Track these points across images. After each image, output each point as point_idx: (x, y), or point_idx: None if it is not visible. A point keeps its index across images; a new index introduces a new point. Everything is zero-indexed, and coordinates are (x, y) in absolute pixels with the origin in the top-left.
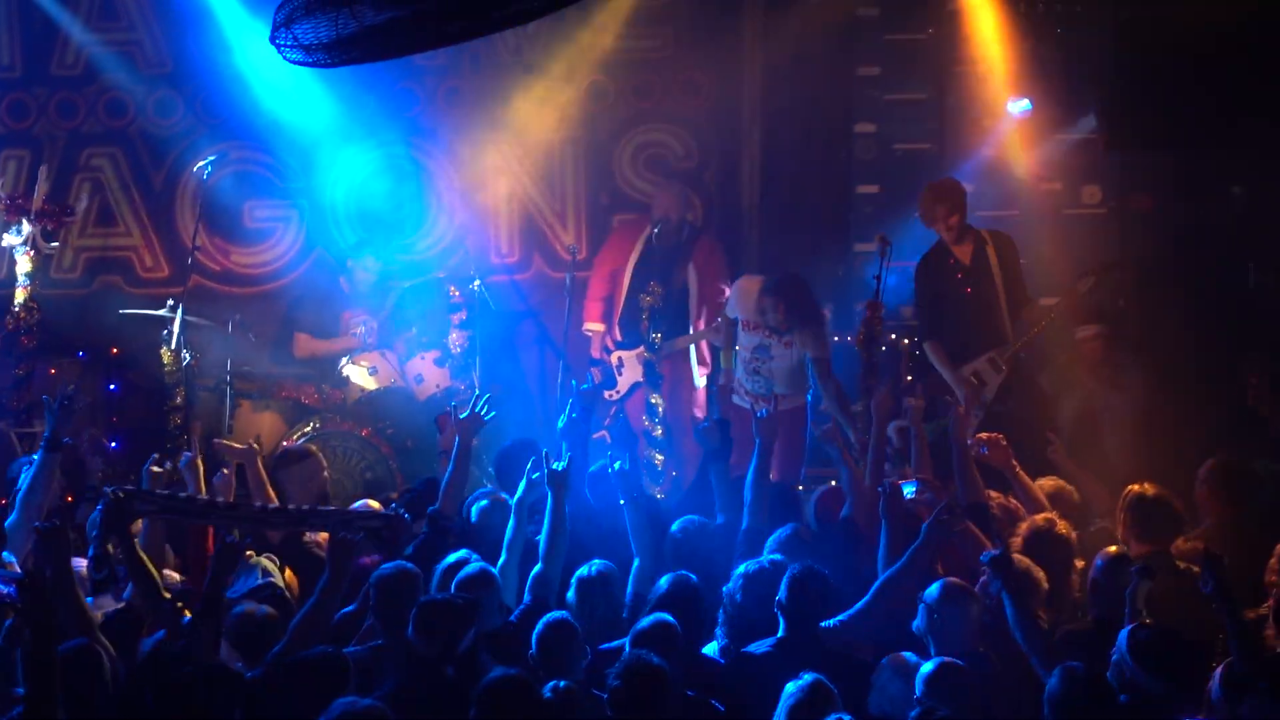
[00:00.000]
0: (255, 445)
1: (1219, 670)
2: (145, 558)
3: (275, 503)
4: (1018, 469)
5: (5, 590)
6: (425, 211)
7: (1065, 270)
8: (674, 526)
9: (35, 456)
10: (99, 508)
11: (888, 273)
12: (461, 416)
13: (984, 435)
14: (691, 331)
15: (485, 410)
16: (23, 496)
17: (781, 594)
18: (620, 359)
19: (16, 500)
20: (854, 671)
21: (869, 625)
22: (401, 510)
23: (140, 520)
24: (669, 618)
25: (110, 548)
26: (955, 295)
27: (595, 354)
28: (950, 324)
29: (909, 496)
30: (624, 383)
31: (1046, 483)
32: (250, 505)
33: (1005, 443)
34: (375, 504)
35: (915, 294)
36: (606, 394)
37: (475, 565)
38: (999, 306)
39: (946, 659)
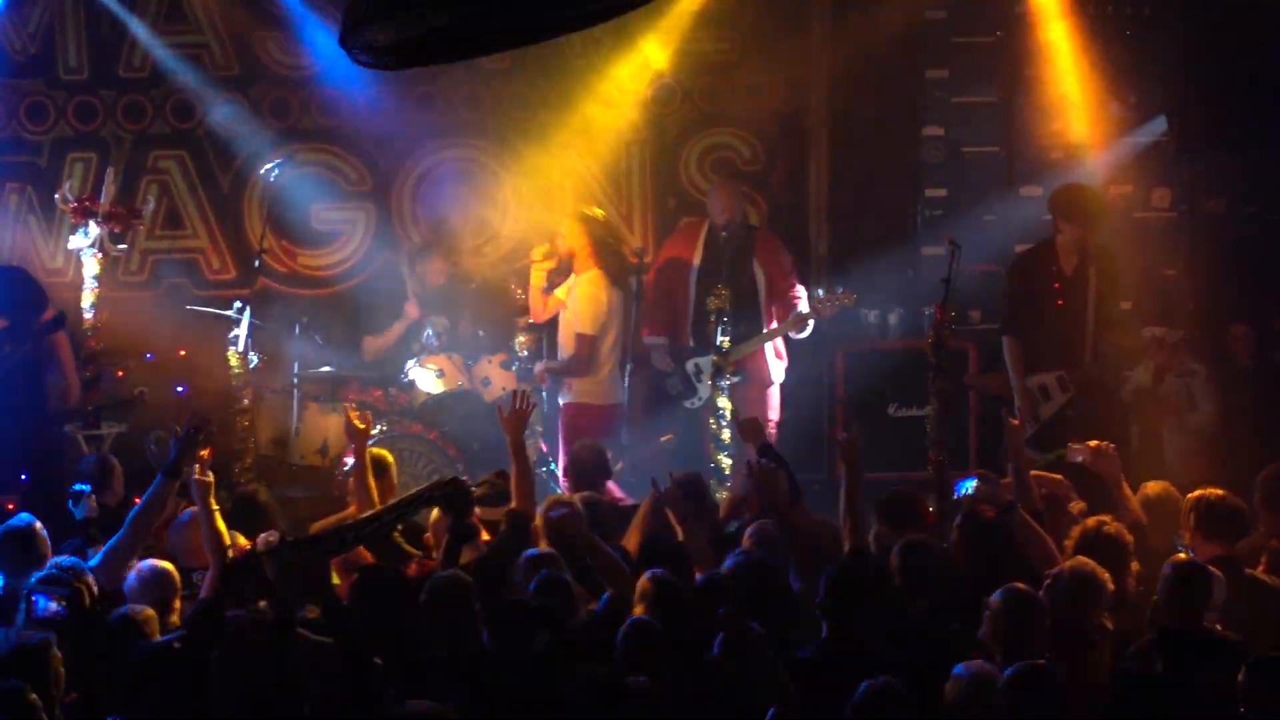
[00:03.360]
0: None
1: None
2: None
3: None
4: (1122, 480)
5: (54, 607)
6: (492, 215)
7: (1135, 275)
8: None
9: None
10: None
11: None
12: (505, 414)
13: (1093, 444)
14: (765, 330)
15: (526, 405)
16: (133, 517)
17: (821, 596)
18: (697, 365)
19: (125, 520)
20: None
21: None
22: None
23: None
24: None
25: None
26: (1045, 302)
27: (661, 367)
28: (1031, 329)
29: (969, 493)
30: (705, 389)
31: (1153, 486)
32: (365, 522)
33: (1114, 452)
34: None
35: (1006, 286)
36: (688, 404)
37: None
38: (1085, 325)
39: (1030, 662)
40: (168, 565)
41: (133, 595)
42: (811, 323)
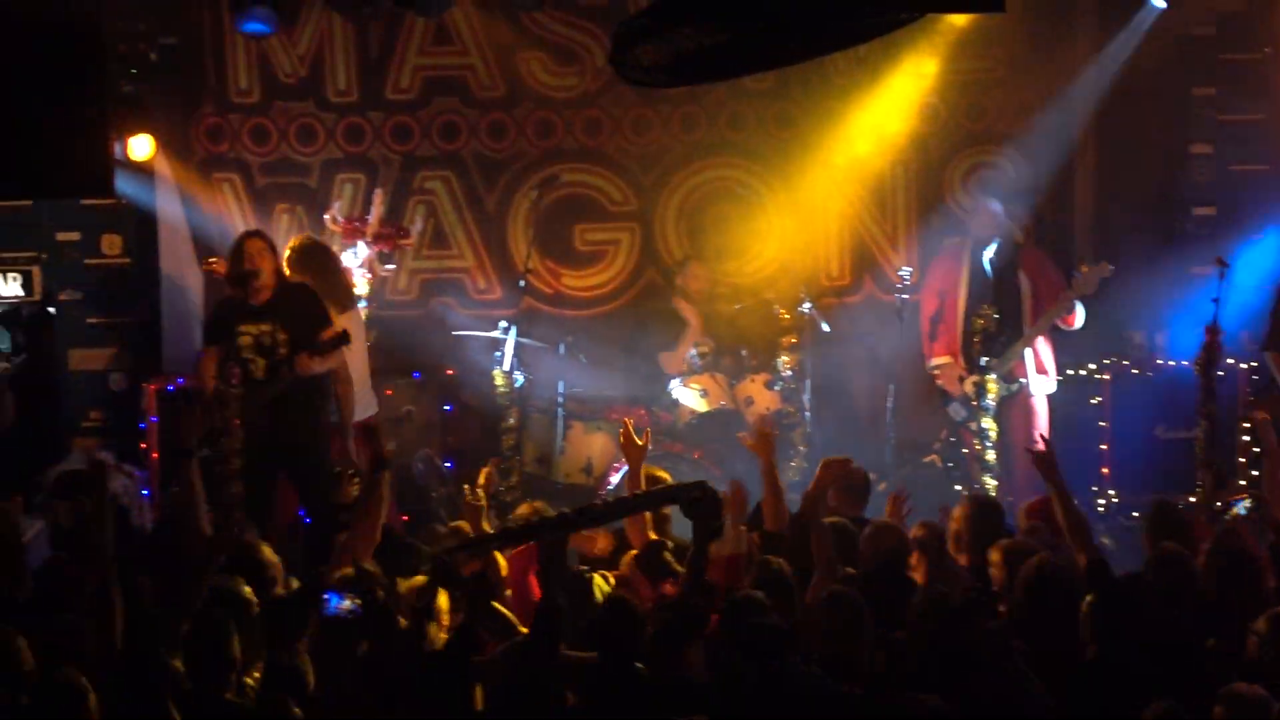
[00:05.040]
0: None
1: None
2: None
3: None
4: None
5: (348, 605)
6: (756, 233)
7: None
8: None
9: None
10: None
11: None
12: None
13: None
14: (1027, 330)
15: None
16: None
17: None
18: (976, 386)
19: None
20: None
21: None
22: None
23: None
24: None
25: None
26: None
27: (951, 390)
28: None
29: (1239, 514)
30: (987, 407)
31: None
32: (570, 514)
33: None
34: None
35: (1273, 303)
36: (973, 426)
37: None
38: None
39: None
40: None
41: None
42: (1080, 309)
